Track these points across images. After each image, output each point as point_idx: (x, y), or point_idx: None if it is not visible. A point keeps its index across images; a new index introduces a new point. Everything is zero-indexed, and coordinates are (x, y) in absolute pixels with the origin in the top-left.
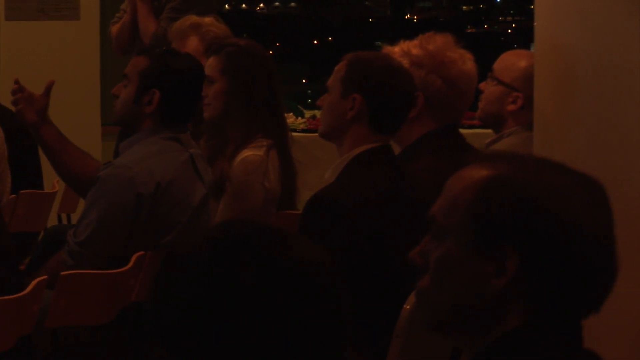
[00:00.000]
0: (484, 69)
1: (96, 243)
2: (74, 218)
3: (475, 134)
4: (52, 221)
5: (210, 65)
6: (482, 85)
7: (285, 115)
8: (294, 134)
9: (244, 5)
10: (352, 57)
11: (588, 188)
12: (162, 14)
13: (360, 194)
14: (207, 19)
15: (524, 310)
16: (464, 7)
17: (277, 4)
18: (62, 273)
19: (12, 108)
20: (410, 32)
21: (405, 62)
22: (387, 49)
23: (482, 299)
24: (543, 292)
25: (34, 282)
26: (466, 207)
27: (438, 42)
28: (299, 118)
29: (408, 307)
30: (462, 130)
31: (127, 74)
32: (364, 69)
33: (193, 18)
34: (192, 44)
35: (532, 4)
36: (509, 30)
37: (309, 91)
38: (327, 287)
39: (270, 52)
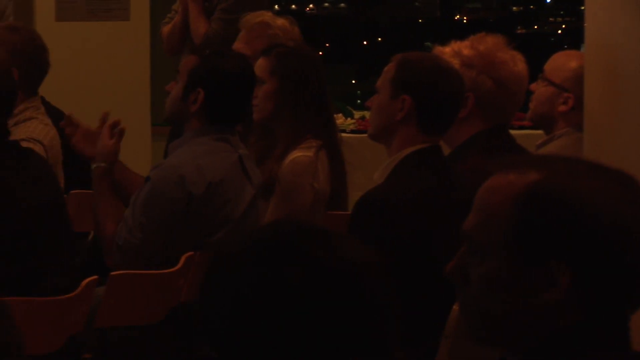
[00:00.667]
0: (534, 70)
1: (149, 243)
2: None
3: (525, 135)
4: None
5: (259, 66)
6: (532, 86)
7: (335, 116)
8: (343, 134)
9: (293, 6)
10: (401, 58)
11: (624, 185)
12: (213, 15)
13: (408, 194)
14: (280, 21)
15: (572, 313)
16: (514, 8)
17: (326, 4)
18: (112, 273)
19: (63, 108)
20: (459, 33)
21: (456, 63)
22: (438, 50)
23: (532, 312)
24: (593, 297)
25: (84, 283)
26: (507, 223)
27: (489, 42)
28: (348, 119)
29: (457, 308)
30: (512, 131)
31: (179, 71)
32: (413, 70)
33: (266, 15)
34: (254, 42)
35: (582, 5)
36: (559, 31)
37: (358, 92)
38: (374, 287)
39: (320, 53)
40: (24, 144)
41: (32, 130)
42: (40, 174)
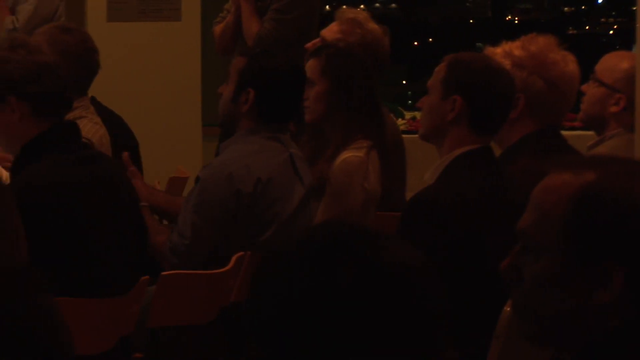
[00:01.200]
0: (586, 71)
1: (200, 242)
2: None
3: (576, 136)
4: None
5: (310, 67)
6: (584, 87)
7: None
8: None
9: (344, 7)
10: (452, 58)
11: None
12: (265, 15)
13: (459, 195)
14: (372, 25)
15: (625, 313)
16: (565, 9)
17: (377, 5)
18: (163, 273)
19: (114, 109)
20: (510, 33)
21: (507, 63)
22: (489, 50)
23: (585, 312)
24: None
25: (136, 283)
26: (562, 222)
27: (540, 43)
28: (399, 119)
29: (508, 308)
30: (564, 132)
31: (230, 73)
32: (464, 70)
33: (362, 15)
34: (347, 36)
35: (634, 5)
36: (611, 32)
37: (409, 92)
38: (425, 288)
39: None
40: None
41: (81, 128)
42: (111, 177)
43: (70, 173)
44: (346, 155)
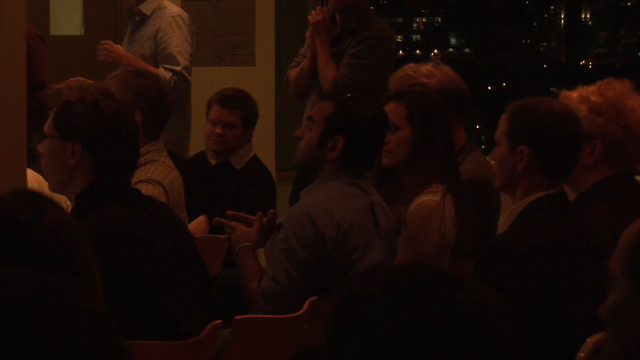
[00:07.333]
0: None
1: (296, 287)
2: None
3: None
4: (225, 266)
5: (393, 112)
6: None
7: None
8: None
9: (418, 51)
10: (514, 108)
11: None
12: (341, 60)
13: (533, 240)
14: (424, 68)
15: None
16: None
17: (450, 50)
18: (237, 317)
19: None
20: (585, 78)
21: (584, 109)
22: (565, 94)
23: None
24: None
25: (209, 326)
26: (624, 255)
27: (617, 88)
28: None
29: (582, 354)
30: (638, 178)
31: (313, 117)
32: (527, 119)
33: (408, 69)
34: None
35: None
36: None
37: (482, 137)
38: (505, 330)
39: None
40: (144, 185)
41: (152, 172)
42: (168, 220)
43: (132, 216)
44: (422, 199)
